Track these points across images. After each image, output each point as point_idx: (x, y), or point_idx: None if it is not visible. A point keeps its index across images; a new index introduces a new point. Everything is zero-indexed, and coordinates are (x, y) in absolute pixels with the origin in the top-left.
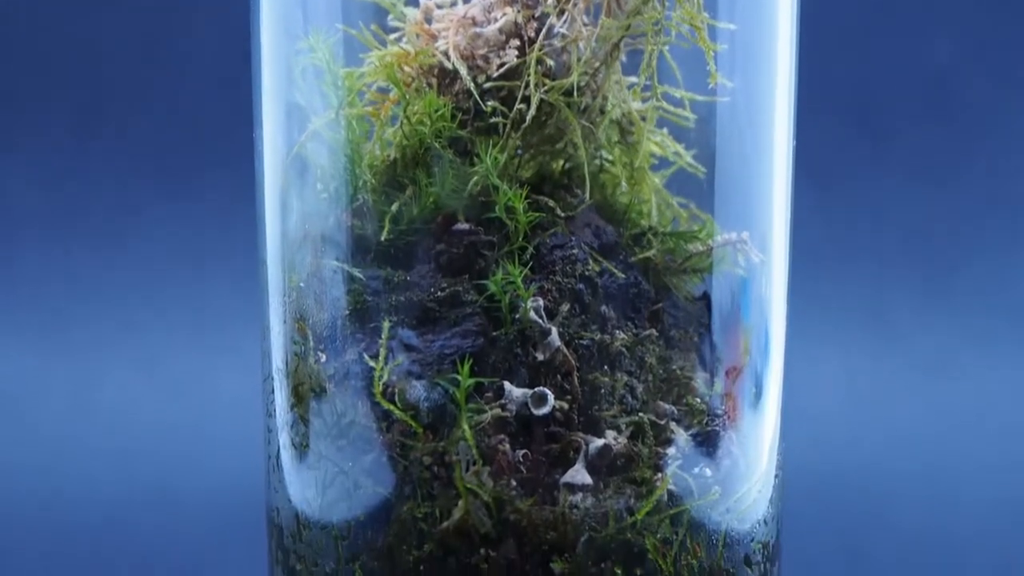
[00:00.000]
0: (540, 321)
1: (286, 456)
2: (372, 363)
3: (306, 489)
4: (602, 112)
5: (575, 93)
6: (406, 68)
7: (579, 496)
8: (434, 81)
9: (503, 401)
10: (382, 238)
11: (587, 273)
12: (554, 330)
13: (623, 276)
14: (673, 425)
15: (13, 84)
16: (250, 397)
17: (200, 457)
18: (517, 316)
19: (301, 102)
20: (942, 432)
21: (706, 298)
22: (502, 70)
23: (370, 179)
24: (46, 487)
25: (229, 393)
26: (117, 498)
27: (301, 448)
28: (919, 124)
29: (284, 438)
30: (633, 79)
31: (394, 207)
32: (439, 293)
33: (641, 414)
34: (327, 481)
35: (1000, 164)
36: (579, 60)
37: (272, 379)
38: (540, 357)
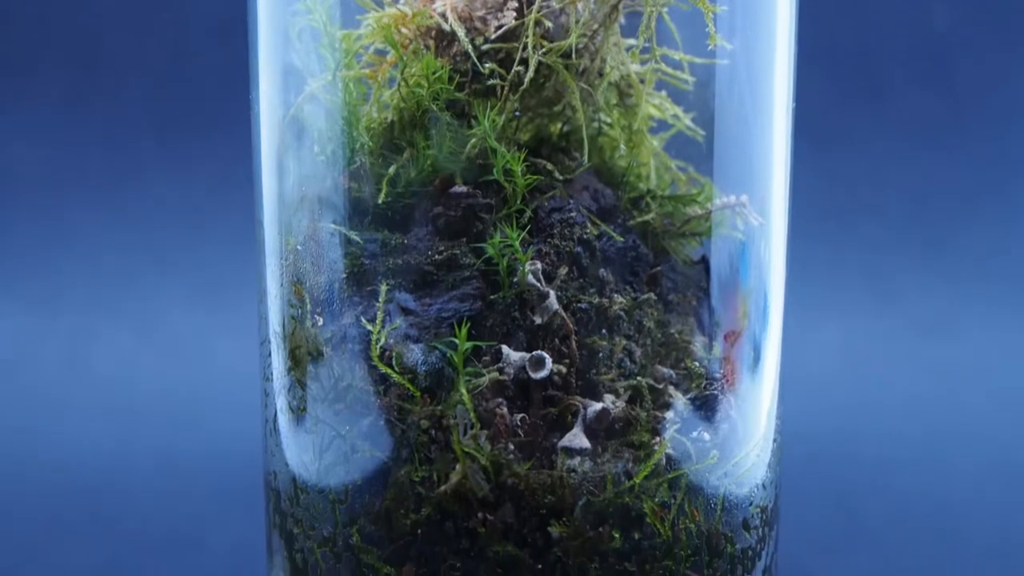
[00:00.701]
0: (538, 284)
1: (283, 420)
2: (369, 327)
3: (303, 453)
4: (600, 74)
5: (573, 55)
6: (403, 30)
7: (577, 460)
8: (432, 43)
9: (501, 365)
10: (379, 201)
11: (585, 236)
12: (552, 293)
13: (621, 240)
14: (671, 389)
15: (10, 47)
16: (248, 361)
17: (198, 420)
18: (515, 279)
19: (298, 64)
20: (940, 395)
21: (705, 262)
22: (500, 32)
23: (367, 142)
24: (44, 449)
25: (226, 356)
26: (114, 461)
27: (298, 412)
28: (920, 88)
29: (281, 402)
30: (632, 41)
31: (391, 170)
32: (437, 256)
33: (639, 378)
34: (324, 445)
35: (1000, 129)
36: (577, 22)
37: (269, 343)
38: (538, 321)
